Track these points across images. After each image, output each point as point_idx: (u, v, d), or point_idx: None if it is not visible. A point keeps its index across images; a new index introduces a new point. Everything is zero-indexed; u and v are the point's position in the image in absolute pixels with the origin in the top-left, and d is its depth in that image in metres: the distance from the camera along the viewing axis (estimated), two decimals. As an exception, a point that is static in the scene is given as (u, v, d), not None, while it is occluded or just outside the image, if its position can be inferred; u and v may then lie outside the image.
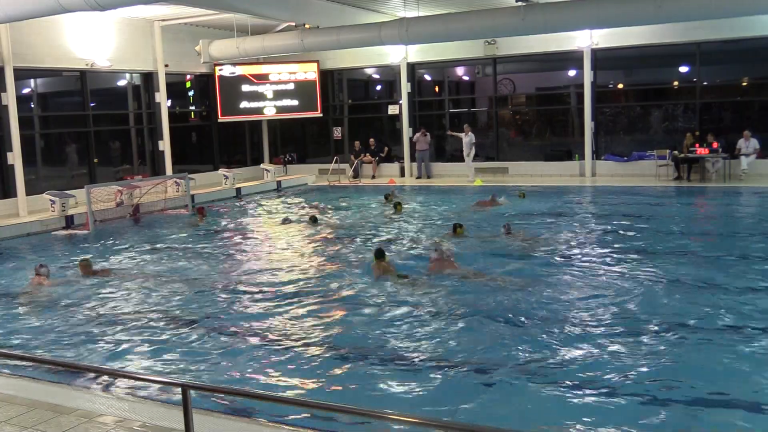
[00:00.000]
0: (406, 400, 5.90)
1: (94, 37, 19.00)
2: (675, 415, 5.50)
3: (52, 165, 19.51)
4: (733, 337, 7.05)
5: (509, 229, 12.47)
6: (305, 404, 4.95)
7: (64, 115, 19.99)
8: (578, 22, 17.14)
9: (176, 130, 22.03)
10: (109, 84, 20.90)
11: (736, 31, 18.44)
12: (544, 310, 8.22)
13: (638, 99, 22.60)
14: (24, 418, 5.20)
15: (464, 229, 12.67)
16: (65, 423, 5.10)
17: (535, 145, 23.56)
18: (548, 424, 5.43)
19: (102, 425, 5.08)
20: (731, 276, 9.36)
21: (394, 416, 3.55)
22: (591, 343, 7.02)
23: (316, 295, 9.34)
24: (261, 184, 22.62)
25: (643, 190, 18.21)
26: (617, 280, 9.37)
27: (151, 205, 17.81)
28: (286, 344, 7.42)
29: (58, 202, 16.29)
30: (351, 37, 18.92)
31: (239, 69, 23.36)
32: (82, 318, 8.72)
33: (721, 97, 21.11)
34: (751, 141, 18.87)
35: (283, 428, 5.04)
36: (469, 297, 8.87)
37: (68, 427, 5.03)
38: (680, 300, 8.40)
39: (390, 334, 7.58)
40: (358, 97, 26.78)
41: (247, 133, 25.61)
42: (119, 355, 7.33)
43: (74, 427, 5.05)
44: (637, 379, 6.10)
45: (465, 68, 25.01)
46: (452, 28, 17.71)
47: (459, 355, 6.89)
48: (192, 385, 3.86)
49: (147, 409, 5.50)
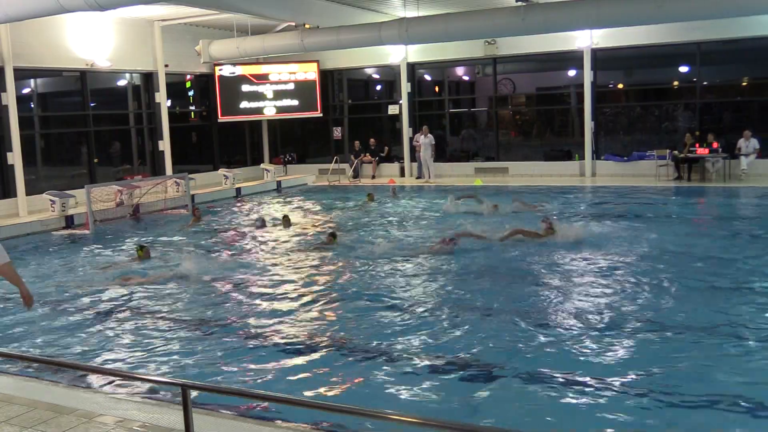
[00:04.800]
0: (405, 399, 5.89)
1: (94, 37, 19.00)
2: (678, 414, 5.50)
3: (52, 165, 19.51)
4: (731, 339, 7.06)
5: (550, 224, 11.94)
6: (304, 404, 4.95)
7: (64, 115, 20.00)
8: (578, 22, 17.15)
9: (176, 130, 22.03)
10: (109, 84, 20.90)
11: (736, 31, 18.44)
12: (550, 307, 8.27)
13: (638, 99, 22.60)
14: (24, 418, 5.19)
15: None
16: (65, 423, 5.10)
17: (535, 145, 23.57)
18: (548, 424, 5.44)
19: (102, 425, 5.08)
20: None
21: (394, 416, 3.55)
22: (594, 342, 7.03)
23: (313, 293, 9.34)
24: (261, 184, 22.63)
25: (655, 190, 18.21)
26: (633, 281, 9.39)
27: (151, 205, 17.81)
28: (287, 343, 7.42)
29: (58, 202, 16.29)
30: (351, 37, 18.93)
31: (239, 69, 23.36)
32: (81, 318, 8.72)
33: (721, 97, 21.10)
34: (751, 141, 18.87)
35: (282, 427, 5.05)
36: (473, 293, 8.98)
37: (68, 427, 5.02)
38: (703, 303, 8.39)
39: (392, 333, 7.59)
40: (358, 97, 26.77)
41: (247, 133, 25.61)
42: (119, 354, 7.33)
43: (74, 427, 5.04)
44: (637, 378, 6.11)
45: (465, 68, 25.01)
46: (452, 28, 17.72)
47: (459, 353, 6.90)
48: (192, 385, 3.86)
49: (147, 409, 5.50)
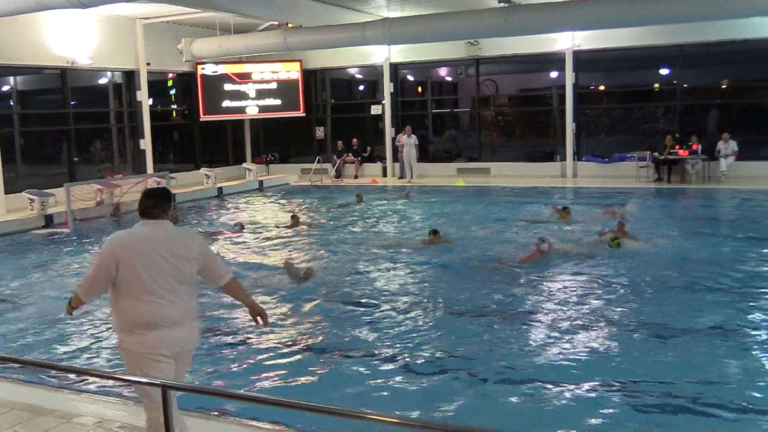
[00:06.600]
0: (391, 399, 5.91)
1: (75, 35, 18.84)
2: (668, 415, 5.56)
3: (32, 163, 19.30)
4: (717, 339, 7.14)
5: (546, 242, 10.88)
6: (282, 404, 4.94)
7: (45, 113, 19.80)
8: (560, 24, 17.25)
9: (158, 128, 21.90)
10: (90, 82, 20.74)
11: (717, 34, 18.60)
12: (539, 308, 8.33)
13: (619, 101, 22.74)
14: (1, 419, 5.14)
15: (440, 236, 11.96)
16: (43, 424, 5.06)
17: (517, 145, 23.66)
18: (528, 424, 5.47)
19: (81, 426, 5.04)
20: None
21: (372, 416, 3.55)
22: (578, 342, 7.08)
23: (293, 292, 9.31)
24: (243, 183, 22.55)
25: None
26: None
27: (132, 204, 17.65)
28: (268, 343, 7.41)
29: (38, 201, 16.13)
30: (334, 37, 18.92)
31: (222, 68, 23.25)
32: (59, 317, 8.65)
33: (702, 99, 21.29)
34: (730, 143, 19.06)
35: (262, 428, 5.04)
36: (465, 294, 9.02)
37: (46, 428, 4.99)
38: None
39: (376, 332, 7.61)
40: (341, 96, 26.75)
41: (230, 132, 25.51)
42: (97, 353, 7.29)
43: (52, 428, 5.01)
44: (619, 378, 6.16)
45: (448, 69, 25.05)
46: (435, 28, 17.76)
47: (446, 353, 6.93)
48: (171, 385, 3.83)
49: (126, 409, 5.47)
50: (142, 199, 4.54)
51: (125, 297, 4.33)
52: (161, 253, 4.36)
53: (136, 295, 4.30)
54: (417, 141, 22.27)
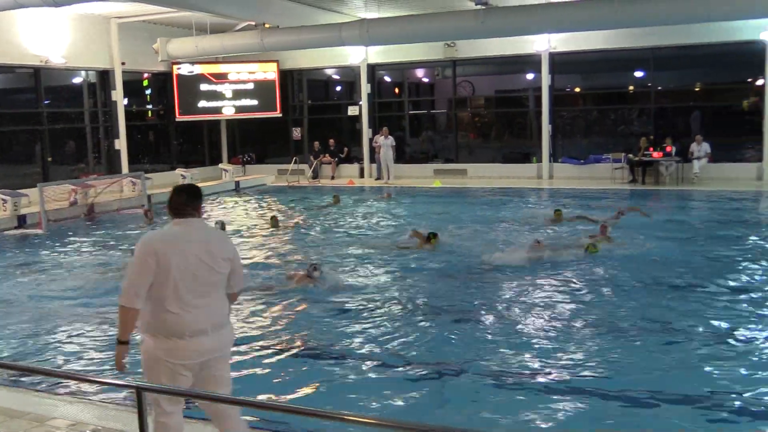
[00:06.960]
0: (374, 401, 5.88)
1: (49, 34, 18.62)
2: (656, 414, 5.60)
3: (5, 163, 19.04)
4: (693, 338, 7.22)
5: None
6: (261, 406, 4.93)
7: (17, 113, 19.50)
8: (536, 26, 17.35)
9: (133, 128, 21.75)
10: (64, 81, 20.52)
11: (690, 37, 18.83)
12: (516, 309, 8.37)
13: (595, 103, 22.95)
14: (-28, 422, 5.08)
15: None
16: (15, 427, 5.00)
17: (494, 147, 23.78)
18: (509, 425, 5.49)
19: (54, 429, 4.99)
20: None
21: (350, 417, 3.55)
22: (554, 342, 7.12)
23: (278, 294, 9.28)
24: (219, 184, 22.42)
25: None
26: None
27: (107, 205, 17.53)
28: (253, 345, 7.36)
29: (10, 201, 15.94)
30: (311, 37, 18.88)
31: (198, 68, 23.11)
32: (33, 319, 8.55)
33: (675, 101, 21.53)
34: (703, 145, 19.31)
35: None
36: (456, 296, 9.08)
37: (19, 431, 4.93)
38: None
39: (365, 336, 7.59)
40: (318, 97, 26.71)
41: (206, 132, 25.36)
42: (71, 356, 7.20)
43: (25, 431, 4.95)
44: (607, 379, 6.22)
45: (425, 70, 25.13)
46: (412, 29, 17.80)
47: (433, 356, 6.93)
48: (146, 387, 3.80)
49: (101, 412, 5.42)
50: (173, 195, 4.28)
51: (151, 300, 4.11)
52: (198, 255, 4.15)
53: (162, 300, 4.09)
54: (394, 142, 22.30)
